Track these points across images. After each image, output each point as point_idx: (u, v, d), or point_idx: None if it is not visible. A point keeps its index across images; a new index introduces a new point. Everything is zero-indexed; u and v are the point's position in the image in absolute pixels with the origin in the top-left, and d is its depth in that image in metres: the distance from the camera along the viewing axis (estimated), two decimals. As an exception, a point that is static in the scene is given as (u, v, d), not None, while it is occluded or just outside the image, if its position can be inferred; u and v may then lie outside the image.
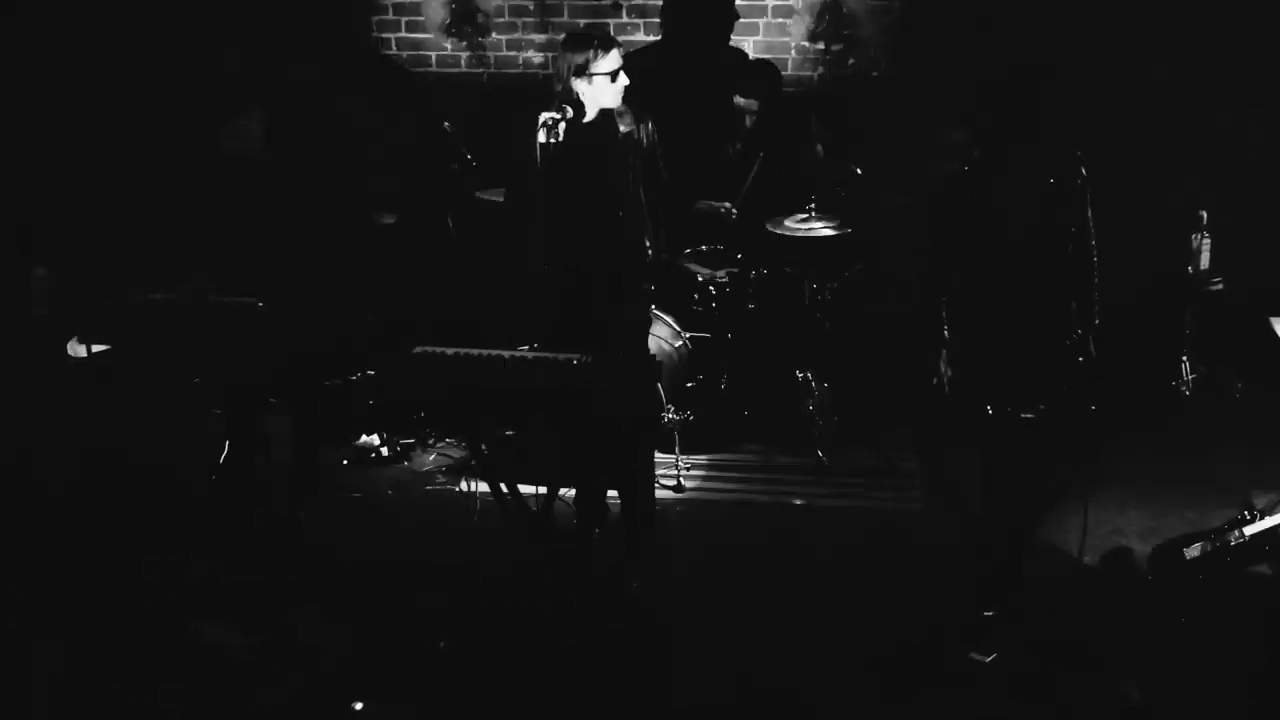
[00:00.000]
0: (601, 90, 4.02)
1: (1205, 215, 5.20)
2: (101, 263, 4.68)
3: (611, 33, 4.39)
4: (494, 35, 5.82)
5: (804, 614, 3.73)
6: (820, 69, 5.70)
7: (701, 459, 4.86)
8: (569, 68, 3.99)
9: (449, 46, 5.86)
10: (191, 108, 5.27)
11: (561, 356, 3.56)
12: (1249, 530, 3.64)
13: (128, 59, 5.52)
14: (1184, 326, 5.29)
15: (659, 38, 5.63)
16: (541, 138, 3.88)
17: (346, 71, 5.71)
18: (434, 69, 5.90)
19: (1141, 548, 3.98)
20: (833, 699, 3.33)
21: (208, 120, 4.83)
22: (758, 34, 5.68)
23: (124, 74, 5.49)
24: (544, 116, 3.90)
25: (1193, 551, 3.69)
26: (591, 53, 4.02)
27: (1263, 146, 5.34)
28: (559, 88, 4.00)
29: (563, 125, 3.90)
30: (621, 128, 4.07)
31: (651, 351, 4.39)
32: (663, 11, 5.55)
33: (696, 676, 3.44)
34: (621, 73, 4.02)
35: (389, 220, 5.21)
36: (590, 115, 4.02)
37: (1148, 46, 5.29)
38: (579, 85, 4.00)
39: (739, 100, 5.22)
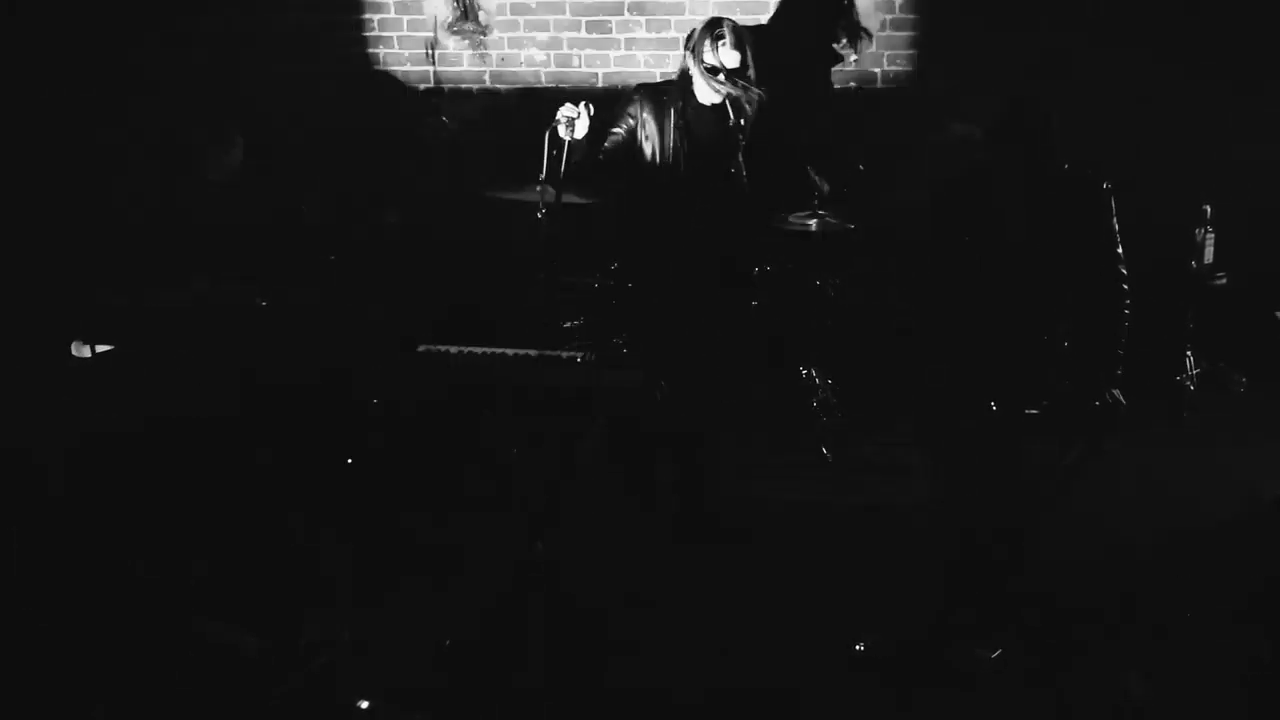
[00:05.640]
0: (699, 83, 3.96)
1: (1209, 210, 5.18)
2: (103, 263, 4.68)
3: (742, 33, 4.22)
4: (495, 33, 5.82)
5: (805, 611, 3.73)
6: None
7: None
8: (690, 39, 4.00)
9: (451, 45, 5.86)
10: (174, 114, 5.29)
11: (565, 354, 3.55)
12: None
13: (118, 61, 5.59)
14: (1187, 321, 5.28)
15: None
16: (561, 133, 3.83)
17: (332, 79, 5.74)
18: (436, 67, 5.90)
19: (1145, 545, 3.98)
20: (833, 699, 3.33)
21: (190, 148, 4.81)
22: (761, 33, 5.68)
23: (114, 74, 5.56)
24: (562, 112, 3.84)
25: None
26: (708, 40, 4.01)
27: (1269, 140, 5.33)
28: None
29: (581, 121, 3.84)
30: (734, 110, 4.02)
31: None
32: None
33: (693, 673, 3.44)
34: (720, 77, 3.94)
35: (392, 219, 5.22)
36: (704, 97, 3.95)
37: (1151, 41, 5.29)
38: (689, 61, 3.97)
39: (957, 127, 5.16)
